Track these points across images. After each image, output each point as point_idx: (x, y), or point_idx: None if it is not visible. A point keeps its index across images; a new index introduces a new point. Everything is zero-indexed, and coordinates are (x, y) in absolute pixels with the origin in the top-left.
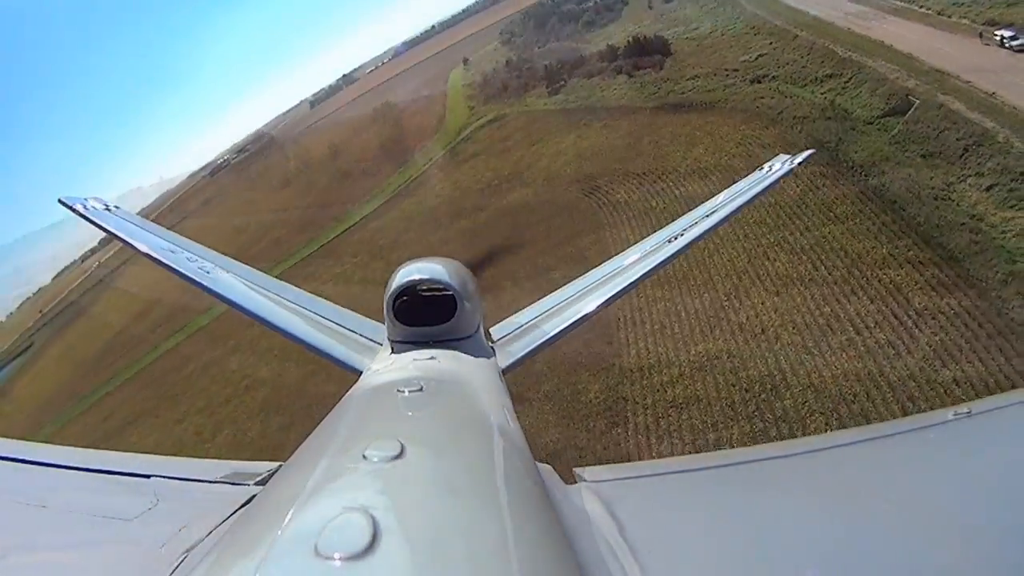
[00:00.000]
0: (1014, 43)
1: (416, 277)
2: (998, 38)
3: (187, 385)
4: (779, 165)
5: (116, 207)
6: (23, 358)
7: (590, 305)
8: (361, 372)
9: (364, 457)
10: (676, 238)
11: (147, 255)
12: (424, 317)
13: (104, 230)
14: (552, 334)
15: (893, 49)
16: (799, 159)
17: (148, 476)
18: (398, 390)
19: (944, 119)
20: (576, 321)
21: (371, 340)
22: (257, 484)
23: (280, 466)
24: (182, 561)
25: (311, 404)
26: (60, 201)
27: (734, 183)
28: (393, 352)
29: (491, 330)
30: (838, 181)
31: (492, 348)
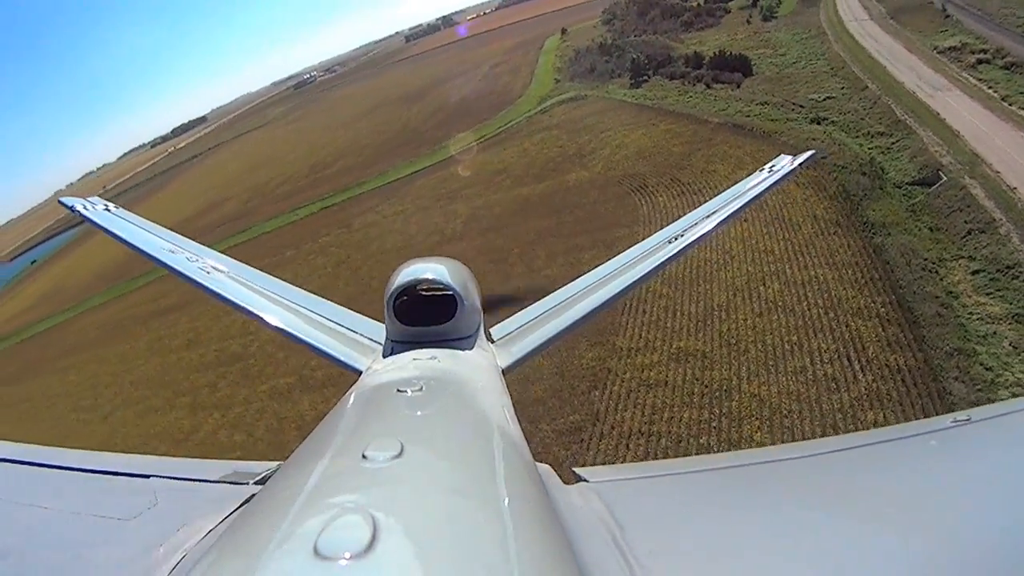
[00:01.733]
0: None
1: (416, 277)
2: None
3: None
4: (780, 166)
5: (116, 207)
6: (79, 229)
7: (591, 305)
8: (361, 372)
9: (364, 457)
10: (677, 238)
11: (147, 255)
12: (424, 317)
13: (104, 230)
14: (553, 334)
15: (944, 123)
16: (800, 160)
17: (148, 476)
18: (398, 390)
19: (961, 200)
20: (577, 321)
21: (371, 340)
22: (257, 484)
23: (280, 466)
24: (182, 561)
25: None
26: (59, 201)
27: (735, 183)
28: (393, 352)
29: (491, 330)
30: (849, 232)
31: (492, 348)
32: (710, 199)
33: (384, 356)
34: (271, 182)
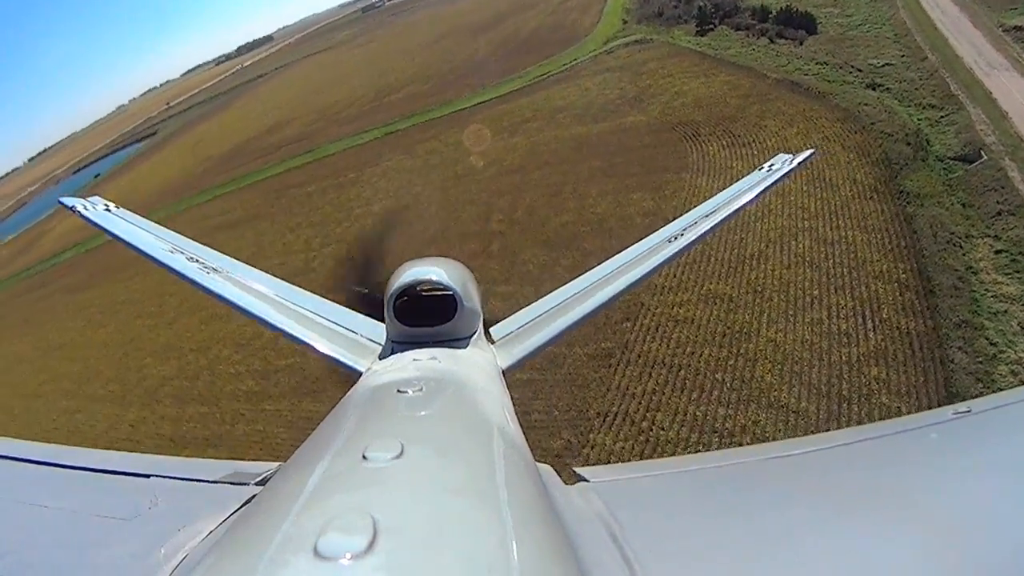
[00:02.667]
0: None
1: (417, 278)
2: None
3: (306, 201)
4: (779, 165)
5: (116, 207)
6: (146, 143)
7: (590, 305)
8: (361, 372)
9: (364, 457)
10: (676, 238)
11: (147, 255)
12: (424, 317)
13: (104, 230)
14: (553, 334)
15: (995, 103)
16: (799, 159)
17: (148, 476)
18: (398, 390)
19: (996, 181)
20: (577, 321)
21: (371, 340)
22: (257, 484)
23: (280, 466)
24: (182, 561)
25: (412, 237)
26: (59, 201)
27: (734, 183)
28: (393, 352)
29: (491, 330)
30: (884, 198)
31: (492, 348)
32: (709, 198)
33: (384, 356)
34: (336, 105)
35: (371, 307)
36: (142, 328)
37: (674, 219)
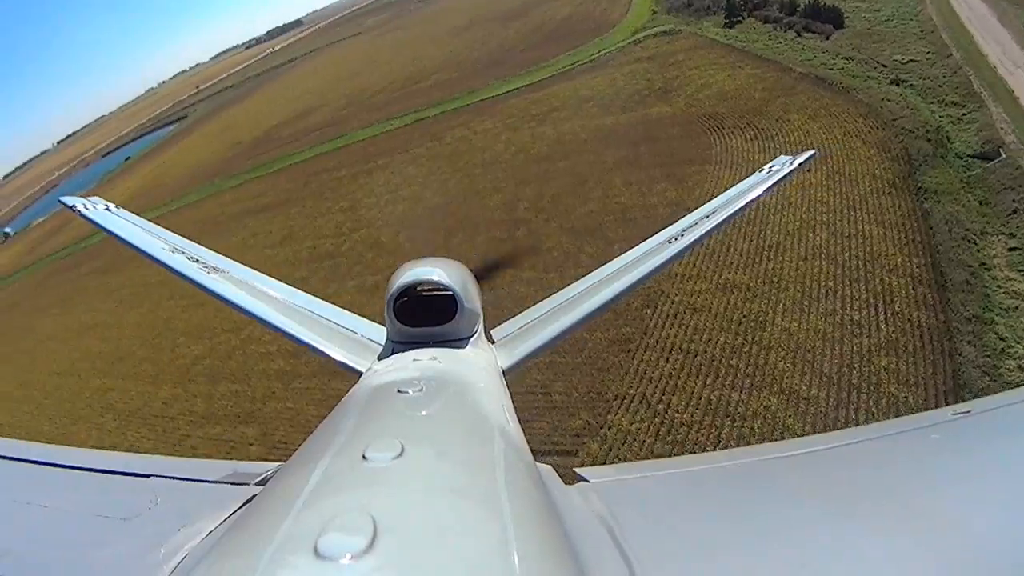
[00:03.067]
0: None
1: (417, 278)
2: None
3: (337, 186)
4: (780, 166)
5: (116, 207)
6: (176, 127)
7: (591, 307)
8: (361, 373)
9: (364, 457)
10: (676, 239)
11: (148, 255)
12: (425, 317)
13: (104, 230)
14: (553, 335)
15: (1017, 103)
16: (799, 160)
17: (148, 476)
18: (399, 390)
19: (1014, 180)
20: (577, 322)
21: (371, 341)
22: (257, 484)
23: (280, 466)
24: (182, 561)
25: (439, 224)
26: (59, 200)
27: (735, 184)
28: (394, 352)
29: (492, 331)
30: (902, 194)
31: (493, 348)
32: (712, 199)
33: (384, 357)
34: (365, 91)
35: None
36: (174, 309)
37: (680, 217)
